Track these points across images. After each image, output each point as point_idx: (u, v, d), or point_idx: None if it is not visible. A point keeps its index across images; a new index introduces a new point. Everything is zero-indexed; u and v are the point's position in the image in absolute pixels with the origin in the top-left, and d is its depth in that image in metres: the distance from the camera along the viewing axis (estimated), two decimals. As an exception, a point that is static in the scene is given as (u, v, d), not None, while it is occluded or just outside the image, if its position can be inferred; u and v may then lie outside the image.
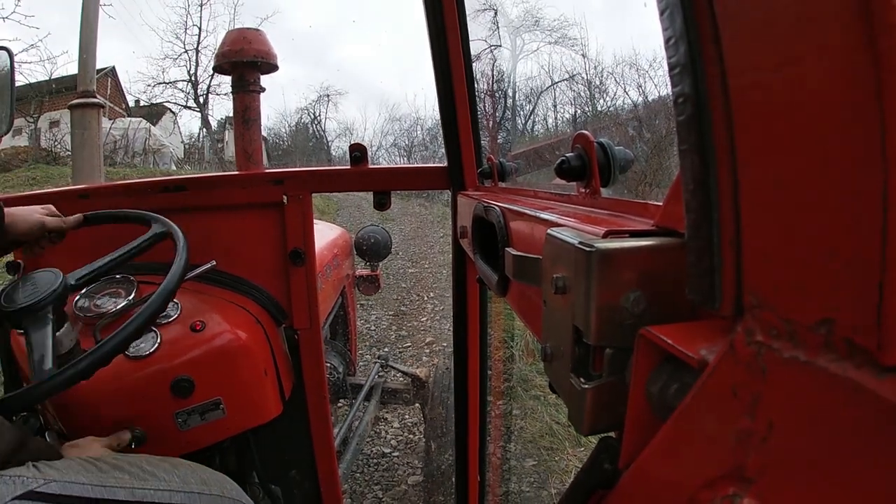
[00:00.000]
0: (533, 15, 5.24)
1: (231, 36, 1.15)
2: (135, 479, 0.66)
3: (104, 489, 0.62)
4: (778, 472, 0.18)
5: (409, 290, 5.00)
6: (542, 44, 5.19)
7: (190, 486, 0.71)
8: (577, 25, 6.18)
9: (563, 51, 6.13)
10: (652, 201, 0.37)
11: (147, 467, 0.69)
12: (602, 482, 0.29)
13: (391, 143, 18.06)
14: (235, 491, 0.78)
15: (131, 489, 0.65)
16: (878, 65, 0.14)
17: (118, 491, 0.63)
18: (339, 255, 1.81)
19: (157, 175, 8.80)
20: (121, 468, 0.66)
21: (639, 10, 5.80)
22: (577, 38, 5.28)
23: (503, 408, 2.14)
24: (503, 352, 2.48)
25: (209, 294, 1.04)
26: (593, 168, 0.46)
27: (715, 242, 0.22)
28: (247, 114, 1.19)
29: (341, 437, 1.62)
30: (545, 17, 5.51)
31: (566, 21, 5.31)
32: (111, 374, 0.77)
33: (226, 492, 0.76)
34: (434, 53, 0.99)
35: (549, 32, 5.26)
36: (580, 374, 0.29)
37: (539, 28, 5.19)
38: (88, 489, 0.61)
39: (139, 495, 0.65)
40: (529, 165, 1.05)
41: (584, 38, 6.17)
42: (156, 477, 0.68)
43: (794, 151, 0.17)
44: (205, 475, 0.75)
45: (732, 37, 0.19)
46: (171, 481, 0.69)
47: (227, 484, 0.77)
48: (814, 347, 0.16)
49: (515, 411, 2.33)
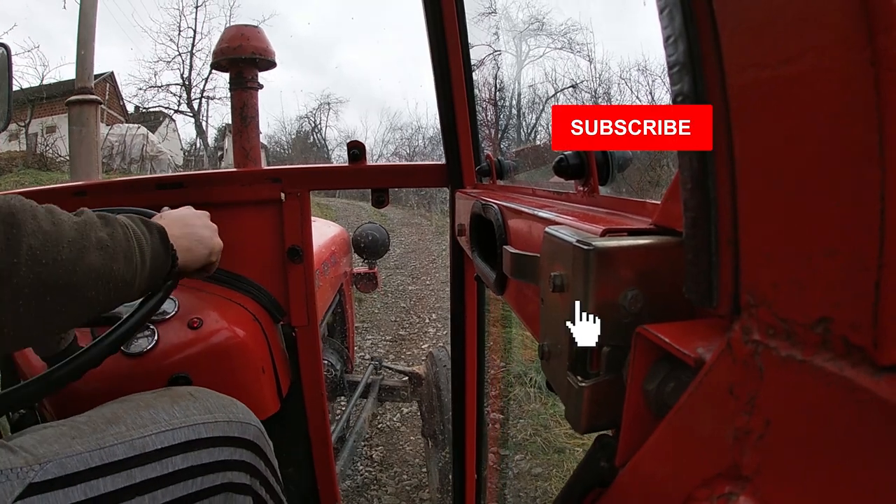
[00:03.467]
0: (534, 16, 5.24)
1: (229, 32, 1.15)
2: (132, 428, 0.62)
3: (103, 451, 0.58)
4: (774, 471, 0.18)
5: (408, 311, 4.48)
6: (539, 42, 5.19)
7: (193, 417, 0.66)
8: (579, 28, 6.20)
9: (565, 53, 6.14)
10: (650, 200, 0.37)
11: (144, 412, 0.64)
12: (599, 480, 0.29)
13: (392, 151, 17.99)
14: (243, 413, 0.73)
15: (130, 442, 0.60)
16: (875, 64, 0.14)
17: (117, 448, 0.59)
18: (336, 252, 1.81)
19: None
20: (116, 420, 0.62)
21: (638, 9, 5.81)
22: (574, 41, 5.30)
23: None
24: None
25: (207, 291, 1.04)
26: (592, 166, 0.46)
27: (713, 241, 0.22)
28: (245, 111, 1.18)
29: (338, 434, 1.62)
30: (541, 15, 5.51)
31: (566, 20, 5.32)
32: (109, 370, 0.77)
33: (232, 416, 0.71)
34: (433, 51, 0.99)
35: (541, 25, 5.25)
36: (577, 373, 0.29)
37: (537, 24, 5.19)
38: (87, 458, 0.57)
39: (139, 446, 0.61)
40: (528, 164, 1.05)
41: (585, 39, 6.18)
42: (154, 420, 0.64)
43: (791, 150, 0.17)
44: (209, 402, 0.70)
45: (731, 35, 0.19)
46: (171, 419, 0.65)
47: (233, 407, 0.72)
48: (811, 346, 0.16)
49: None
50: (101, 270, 0.53)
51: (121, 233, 0.57)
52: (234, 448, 0.69)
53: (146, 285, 0.62)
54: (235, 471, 0.68)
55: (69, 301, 0.51)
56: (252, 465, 0.70)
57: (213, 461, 0.66)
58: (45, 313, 0.49)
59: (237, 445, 0.69)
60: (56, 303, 0.50)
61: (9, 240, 0.46)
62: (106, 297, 0.55)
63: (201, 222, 0.74)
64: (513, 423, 2.29)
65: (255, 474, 0.71)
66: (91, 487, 0.56)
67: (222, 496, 0.66)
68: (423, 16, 0.96)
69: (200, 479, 0.64)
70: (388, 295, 4.93)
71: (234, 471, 0.68)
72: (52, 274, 0.49)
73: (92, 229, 0.54)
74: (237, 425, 0.70)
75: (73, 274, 0.51)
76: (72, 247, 0.51)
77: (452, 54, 0.98)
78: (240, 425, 0.71)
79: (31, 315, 0.48)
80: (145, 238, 0.61)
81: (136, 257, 0.58)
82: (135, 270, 0.58)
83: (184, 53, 14.58)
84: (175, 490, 0.62)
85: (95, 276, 0.53)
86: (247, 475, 0.69)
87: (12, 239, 0.46)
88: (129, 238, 0.58)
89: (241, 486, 0.68)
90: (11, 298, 0.46)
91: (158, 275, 0.64)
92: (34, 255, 0.47)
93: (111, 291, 0.55)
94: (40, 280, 0.48)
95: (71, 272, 0.50)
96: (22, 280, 0.46)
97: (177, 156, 14.25)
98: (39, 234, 0.48)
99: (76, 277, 0.51)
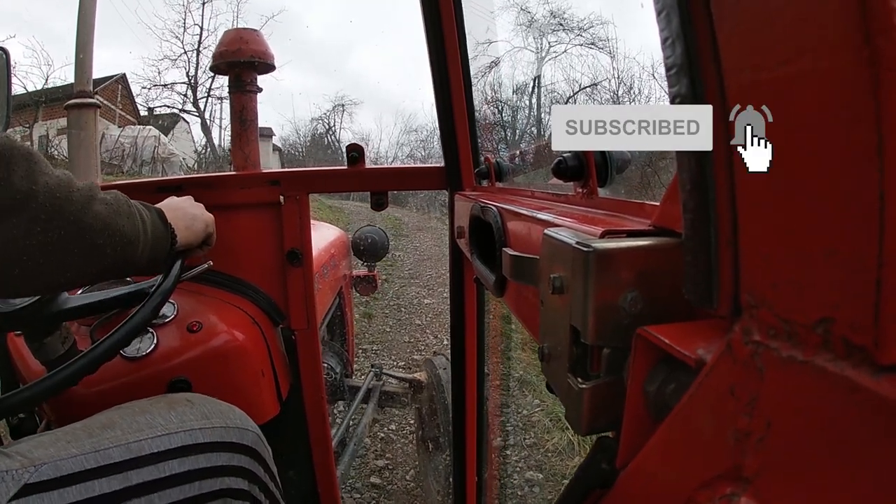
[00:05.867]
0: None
1: (228, 36, 1.15)
2: (127, 432, 0.62)
3: (98, 454, 0.58)
4: (776, 472, 0.18)
5: (423, 329, 3.87)
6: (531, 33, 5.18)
7: (189, 423, 0.66)
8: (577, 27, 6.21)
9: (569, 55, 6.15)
10: (649, 201, 0.37)
11: (140, 417, 0.64)
12: (599, 482, 0.29)
13: (407, 154, 17.91)
14: (241, 419, 0.73)
15: (126, 445, 0.60)
16: (874, 64, 0.14)
17: (112, 451, 0.59)
18: (336, 255, 1.81)
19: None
20: (112, 425, 0.62)
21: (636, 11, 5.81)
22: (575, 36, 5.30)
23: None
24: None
25: (206, 295, 1.04)
26: (590, 168, 0.46)
27: (712, 242, 0.22)
28: (244, 114, 1.18)
29: (339, 438, 1.62)
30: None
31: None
32: (108, 374, 0.77)
33: (229, 421, 0.71)
34: (431, 53, 1.00)
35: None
36: (578, 374, 0.29)
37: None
38: (82, 460, 0.57)
39: (135, 449, 0.61)
40: (527, 165, 1.05)
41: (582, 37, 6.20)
42: (150, 425, 0.64)
43: (790, 150, 0.17)
44: (206, 408, 0.70)
45: (728, 37, 0.19)
46: (167, 424, 0.65)
47: (230, 413, 0.72)
48: (811, 347, 0.16)
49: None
50: (107, 220, 0.58)
51: (122, 199, 0.63)
52: (231, 453, 0.68)
53: (150, 254, 0.66)
54: (233, 476, 0.68)
55: (81, 243, 0.56)
56: (250, 471, 0.70)
57: (211, 466, 0.66)
58: (59, 250, 0.54)
59: (235, 451, 0.69)
60: (69, 241, 0.54)
61: (29, 170, 0.50)
62: (113, 252, 0.59)
63: (189, 203, 0.82)
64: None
65: (253, 480, 0.70)
66: (86, 489, 0.56)
67: (221, 501, 0.66)
68: (422, 18, 0.97)
69: (198, 483, 0.64)
70: (402, 310, 4.43)
71: (232, 476, 0.67)
72: (65, 208, 0.53)
73: (95, 190, 0.59)
74: (235, 431, 0.70)
75: (84, 214, 0.55)
76: (81, 193, 0.56)
77: (451, 57, 0.98)
78: (237, 431, 0.71)
79: (47, 248, 0.52)
80: (144, 212, 0.67)
81: (137, 221, 0.64)
82: (138, 232, 0.63)
83: (190, 51, 14.52)
84: (172, 494, 0.61)
85: (102, 224, 0.57)
86: (245, 481, 0.69)
87: (31, 171, 0.51)
88: (130, 205, 0.64)
89: (240, 491, 0.68)
90: (28, 223, 0.51)
91: (161, 248, 0.69)
92: (49, 188, 0.52)
93: (118, 246, 0.60)
94: (55, 209, 0.52)
95: (81, 211, 0.55)
96: (39, 207, 0.51)
97: (189, 158, 14.20)
98: (53, 175, 0.53)
99: (87, 218, 0.56)
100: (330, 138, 17.92)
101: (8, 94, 1.00)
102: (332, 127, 17.94)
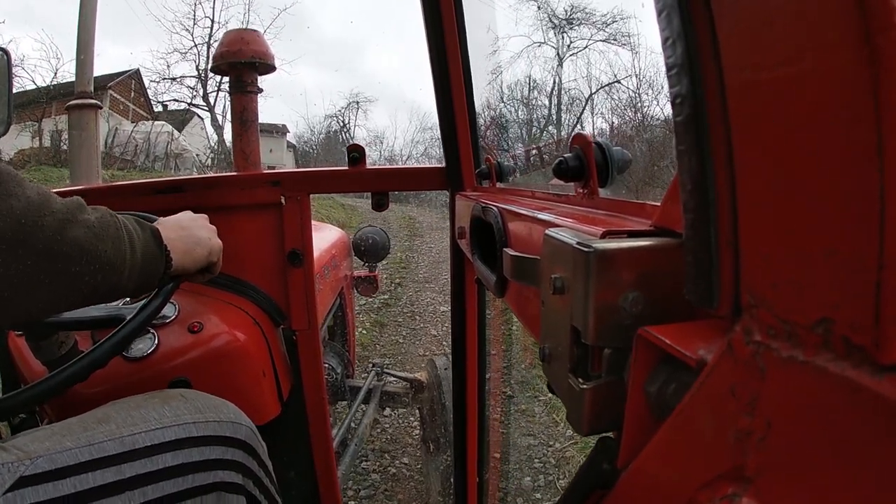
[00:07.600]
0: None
1: (228, 37, 1.16)
2: (122, 426, 0.62)
3: (92, 448, 0.59)
4: (777, 472, 0.18)
5: (440, 341, 3.55)
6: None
7: (183, 417, 0.67)
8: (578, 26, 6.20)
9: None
10: (650, 202, 0.37)
11: (134, 412, 0.65)
12: (601, 482, 0.29)
13: (422, 152, 17.78)
14: (234, 413, 0.73)
15: (120, 439, 0.61)
16: (874, 63, 0.14)
17: (106, 445, 0.60)
18: (337, 255, 1.81)
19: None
20: (106, 420, 0.63)
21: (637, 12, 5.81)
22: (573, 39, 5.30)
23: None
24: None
25: (207, 295, 1.04)
26: (591, 168, 0.46)
27: (713, 242, 0.22)
28: (244, 115, 1.18)
29: (340, 438, 1.62)
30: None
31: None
32: (109, 375, 0.77)
33: (223, 416, 0.71)
34: (432, 54, 1.00)
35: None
36: (579, 375, 0.29)
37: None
38: (77, 453, 0.57)
39: (129, 442, 0.61)
40: (529, 166, 1.05)
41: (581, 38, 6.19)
42: (144, 419, 0.64)
43: (791, 151, 0.17)
44: (200, 402, 0.70)
45: (729, 37, 0.19)
46: (161, 418, 0.65)
47: (224, 407, 0.73)
48: (812, 347, 0.16)
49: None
50: (86, 247, 0.54)
51: (110, 220, 0.58)
52: (225, 447, 0.69)
53: (138, 279, 0.62)
54: (227, 469, 0.68)
55: (54, 271, 0.51)
56: (244, 465, 0.71)
57: (204, 459, 0.66)
58: (25, 283, 0.49)
59: (228, 445, 0.69)
60: (39, 268, 0.50)
61: None
62: (93, 278, 0.55)
63: (198, 224, 0.75)
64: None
65: (247, 474, 0.71)
66: (80, 481, 0.56)
67: (214, 495, 0.66)
68: (422, 19, 0.97)
69: (191, 476, 0.64)
70: (416, 318, 4.16)
71: (225, 470, 0.68)
72: (32, 235, 0.49)
73: (79, 210, 0.55)
74: (228, 425, 0.71)
75: (56, 242, 0.51)
76: (55, 217, 0.52)
77: (451, 57, 0.98)
78: (231, 425, 0.71)
79: (12, 281, 0.49)
80: (136, 232, 0.62)
81: (125, 245, 0.59)
82: (123, 257, 0.59)
83: (200, 44, 14.43)
84: (165, 486, 0.62)
85: (80, 251, 0.53)
86: (239, 475, 0.69)
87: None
88: (118, 227, 0.59)
89: (234, 485, 0.68)
90: None
91: (152, 271, 0.65)
92: (14, 213, 0.48)
93: (98, 273, 0.56)
94: (19, 239, 0.48)
95: (53, 239, 0.51)
96: (0, 234, 0.47)
97: (203, 154, 14.13)
98: (23, 198, 0.49)
99: (60, 247, 0.52)
100: (344, 135, 17.83)
101: (9, 95, 1.00)
102: (347, 124, 17.86)
